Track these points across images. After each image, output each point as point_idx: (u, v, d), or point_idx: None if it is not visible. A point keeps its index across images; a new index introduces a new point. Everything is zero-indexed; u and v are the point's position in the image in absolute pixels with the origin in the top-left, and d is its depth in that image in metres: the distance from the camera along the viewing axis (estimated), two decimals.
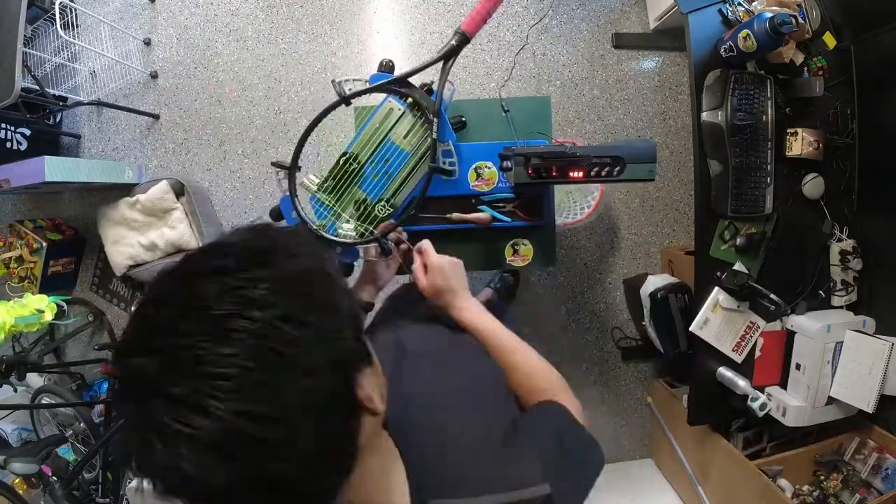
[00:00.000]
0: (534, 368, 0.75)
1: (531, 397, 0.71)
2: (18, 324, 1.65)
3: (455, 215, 1.22)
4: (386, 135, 1.08)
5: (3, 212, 2.40)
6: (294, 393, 0.35)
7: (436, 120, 1.01)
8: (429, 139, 1.03)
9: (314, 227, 1.05)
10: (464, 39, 0.99)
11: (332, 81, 1.02)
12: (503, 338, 0.77)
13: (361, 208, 1.10)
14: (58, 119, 2.28)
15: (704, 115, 1.41)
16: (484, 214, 1.21)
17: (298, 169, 1.05)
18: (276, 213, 1.09)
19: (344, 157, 1.10)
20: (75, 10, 1.92)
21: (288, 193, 1.05)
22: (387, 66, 1.05)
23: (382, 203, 1.10)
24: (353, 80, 1.04)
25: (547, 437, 0.57)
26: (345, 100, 1.02)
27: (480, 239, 1.26)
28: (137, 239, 2.14)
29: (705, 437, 1.67)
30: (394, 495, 0.49)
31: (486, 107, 1.35)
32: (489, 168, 1.21)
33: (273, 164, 1.06)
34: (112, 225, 2.17)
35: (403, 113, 1.08)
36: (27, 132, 2.15)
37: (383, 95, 1.09)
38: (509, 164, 1.09)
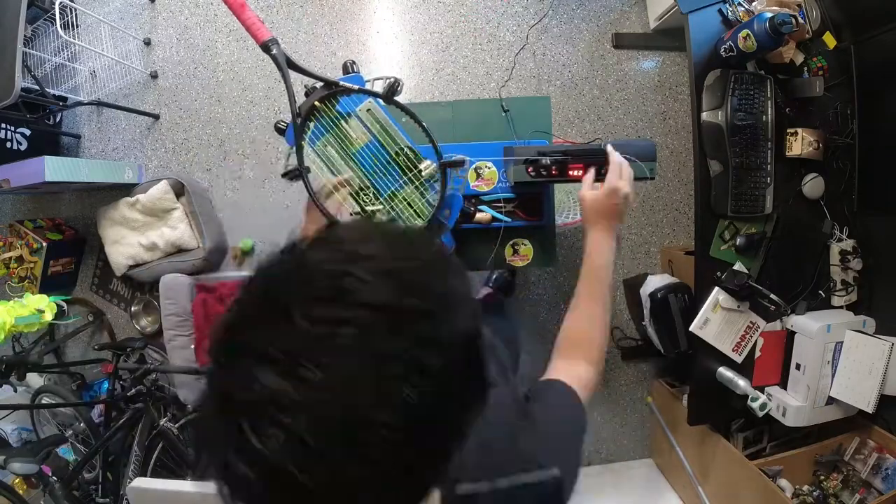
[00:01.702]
0: (582, 327, 0.80)
1: (558, 350, 0.78)
2: (18, 324, 1.65)
3: None
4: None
5: (3, 212, 2.40)
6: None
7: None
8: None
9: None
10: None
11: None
12: (597, 281, 0.82)
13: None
14: (58, 119, 2.28)
15: (704, 115, 1.41)
16: (484, 214, 1.21)
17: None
18: (280, 129, 1.08)
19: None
20: (75, 10, 1.92)
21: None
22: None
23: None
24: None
25: (556, 420, 0.63)
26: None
27: (480, 239, 1.26)
28: (137, 239, 2.14)
29: (705, 437, 1.67)
30: None
31: (486, 107, 1.35)
32: (489, 168, 1.21)
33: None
34: (112, 225, 2.17)
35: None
36: (27, 132, 2.15)
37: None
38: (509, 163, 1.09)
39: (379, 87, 1.02)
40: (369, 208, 1.04)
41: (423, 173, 1.02)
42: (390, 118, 1.05)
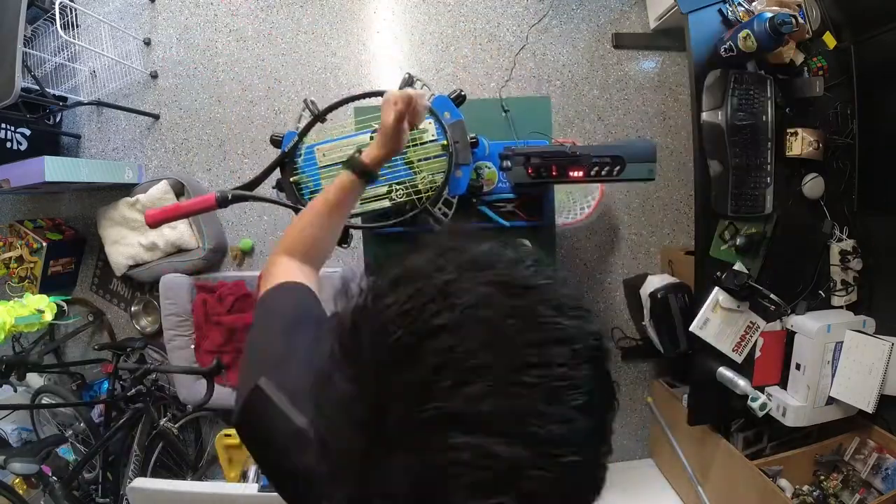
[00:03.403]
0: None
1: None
2: (18, 324, 1.65)
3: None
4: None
5: (3, 212, 2.40)
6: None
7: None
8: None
9: (293, 177, 1.08)
10: None
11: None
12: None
13: None
14: (58, 119, 2.28)
15: (704, 115, 1.41)
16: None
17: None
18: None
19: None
20: (75, 10, 1.92)
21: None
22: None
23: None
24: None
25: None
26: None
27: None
28: (137, 239, 2.14)
29: (705, 437, 1.67)
30: None
31: (486, 107, 1.35)
32: (489, 168, 1.21)
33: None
34: (112, 225, 2.17)
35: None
36: (27, 132, 2.15)
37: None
38: (509, 163, 1.09)
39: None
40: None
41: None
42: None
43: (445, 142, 1.02)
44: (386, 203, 1.09)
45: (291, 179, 1.08)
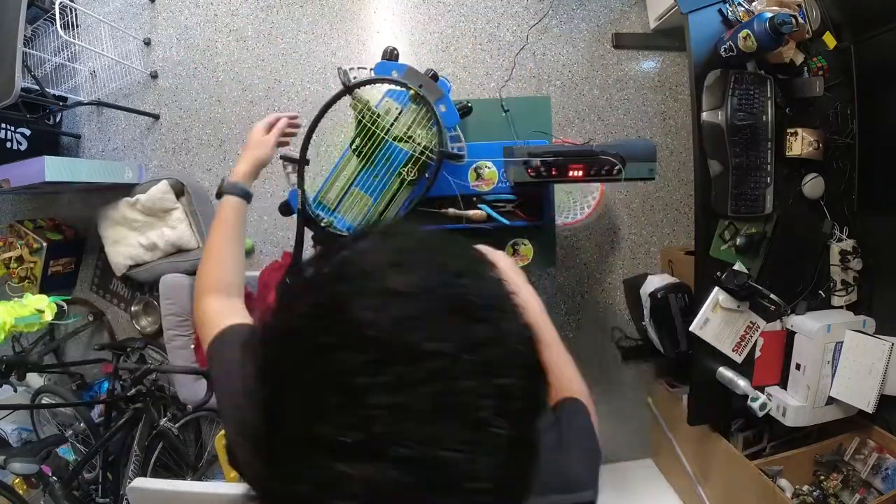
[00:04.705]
0: (565, 364, 0.76)
1: (557, 392, 0.73)
2: (18, 324, 1.65)
3: (451, 211, 1.22)
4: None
5: (3, 212, 2.39)
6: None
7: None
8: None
9: (323, 223, 1.07)
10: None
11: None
12: (546, 334, 0.77)
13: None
14: (58, 119, 2.28)
15: (704, 115, 1.41)
16: (480, 212, 1.21)
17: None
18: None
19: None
20: (75, 10, 1.92)
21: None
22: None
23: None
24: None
25: (583, 440, 0.61)
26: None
27: (481, 239, 1.26)
28: (137, 239, 2.14)
29: (705, 437, 1.67)
30: None
31: (486, 107, 1.35)
32: (489, 168, 1.21)
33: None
34: (112, 225, 2.17)
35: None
36: (27, 132, 2.15)
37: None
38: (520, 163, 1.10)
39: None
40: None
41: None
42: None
43: (412, 91, 1.03)
44: (407, 184, 1.10)
45: (322, 224, 1.09)
